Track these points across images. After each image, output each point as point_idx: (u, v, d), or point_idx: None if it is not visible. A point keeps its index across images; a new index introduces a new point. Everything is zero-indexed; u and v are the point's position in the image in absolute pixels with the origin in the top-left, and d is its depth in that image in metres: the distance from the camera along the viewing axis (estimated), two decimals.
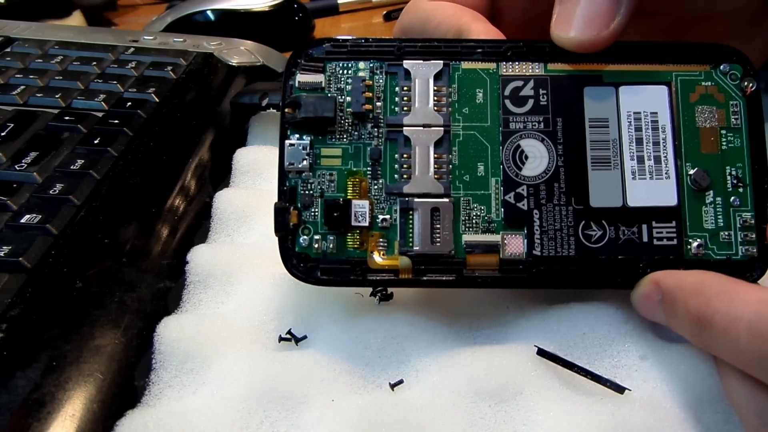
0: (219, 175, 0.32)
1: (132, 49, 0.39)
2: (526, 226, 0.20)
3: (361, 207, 0.20)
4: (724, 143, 0.21)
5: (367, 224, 0.20)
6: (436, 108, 0.21)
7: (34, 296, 0.22)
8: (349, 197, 0.20)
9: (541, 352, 0.21)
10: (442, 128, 0.21)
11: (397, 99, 0.21)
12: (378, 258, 0.20)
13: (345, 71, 0.21)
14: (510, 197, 0.20)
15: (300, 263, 0.20)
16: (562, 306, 0.22)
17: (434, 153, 0.21)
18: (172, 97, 0.34)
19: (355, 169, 0.21)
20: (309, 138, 0.21)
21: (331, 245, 0.20)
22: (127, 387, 0.21)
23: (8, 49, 0.38)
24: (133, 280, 0.24)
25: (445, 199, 0.20)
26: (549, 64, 0.21)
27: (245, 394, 0.20)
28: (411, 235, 0.20)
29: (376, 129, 0.21)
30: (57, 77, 0.35)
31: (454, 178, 0.20)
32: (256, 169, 0.32)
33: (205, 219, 0.29)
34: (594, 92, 0.21)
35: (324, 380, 0.20)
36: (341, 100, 0.21)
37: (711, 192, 0.20)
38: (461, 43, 0.21)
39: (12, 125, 0.30)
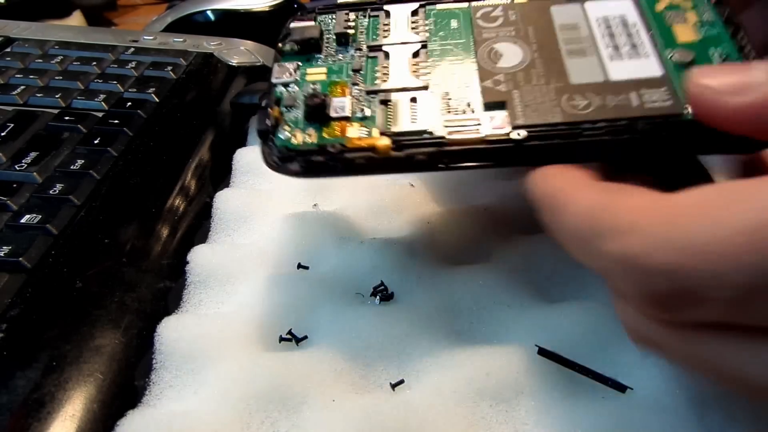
0: (219, 175, 0.32)
1: (132, 49, 0.39)
2: (507, 104, 0.19)
3: (340, 102, 0.20)
4: (702, 32, 0.20)
5: (347, 114, 0.20)
6: (413, 31, 0.23)
7: (34, 296, 0.22)
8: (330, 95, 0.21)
9: (542, 352, 0.21)
10: (420, 43, 0.22)
11: (378, 31, 0.23)
12: (356, 136, 0.19)
13: (331, 19, 0.24)
14: (487, 83, 0.20)
15: (279, 156, 0.20)
16: (562, 304, 0.22)
17: (412, 61, 0.22)
18: (172, 97, 0.34)
19: (337, 79, 0.21)
20: (297, 61, 0.22)
21: (310, 136, 0.20)
22: (127, 387, 0.21)
23: (8, 49, 0.38)
24: (133, 280, 0.24)
25: (424, 91, 0.20)
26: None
27: (246, 395, 0.20)
28: (391, 120, 0.20)
29: (358, 51, 0.22)
30: (57, 77, 0.35)
31: (432, 78, 0.21)
32: (257, 170, 0.32)
33: (205, 219, 0.29)
34: (560, 9, 0.22)
35: (325, 380, 0.20)
36: (326, 29, 0.23)
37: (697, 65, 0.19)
38: None
39: (12, 125, 0.30)
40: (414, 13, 0.23)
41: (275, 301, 0.23)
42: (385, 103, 0.20)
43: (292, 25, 0.23)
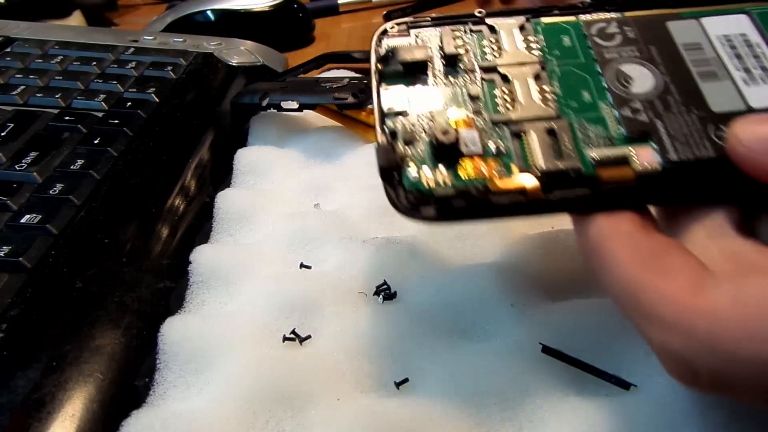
0: (219, 175, 0.32)
1: (132, 49, 0.39)
2: (652, 136, 0.18)
3: (469, 135, 0.18)
4: None
5: (479, 150, 0.18)
6: (527, 49, 0.20)
7: (34, 296, 0.21)
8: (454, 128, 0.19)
9: (546, 350, 0.20)
10: (538, 64, 0.20)
11: (486, 49, 0.21)
12: (499, 177, 0.17)
13: (430, 33, 0.21)
14: (626, 111, 0.18)
15: (409, 200, 0.17)
16: (565, 302, 0.22)
17: (535, 85, 0.20)
18: (172, 97, 0.34)
19: (455, 107, 0.19)
20: (402, 84, 0.20)
21: (443, 177, 0.18)
22: (128, 387, 0.21)
23: (8, 49, 0.38)
24: (133, 280, 0.24)
25: (559, 121, 0.19)
26: (625, 13, 0.21)
27: (250, 394, 0.20)
28: (530, 155, 0.18)
29: (469, 74, 0.20)
30: (57, 77, 0.35)
31: (562, 105, 0.19)
32: (258, 169, 0.32)
33: (206, 219, 0.29)
34: (677, 25, 0.21)
35: (329, 379, 0.20)
36: (431, 50, 0.21)
37: None
38: (540, 7, 0.22)
39: (12, 125, 0.30)
40: (521, 28, 0.21)
41: (278, 301, 0.23)
42: (517, 135, 0.18)
43: (394, 43, 0.21)
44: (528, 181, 0.17)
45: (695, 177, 0.17)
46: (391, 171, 0.18)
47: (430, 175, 0.18)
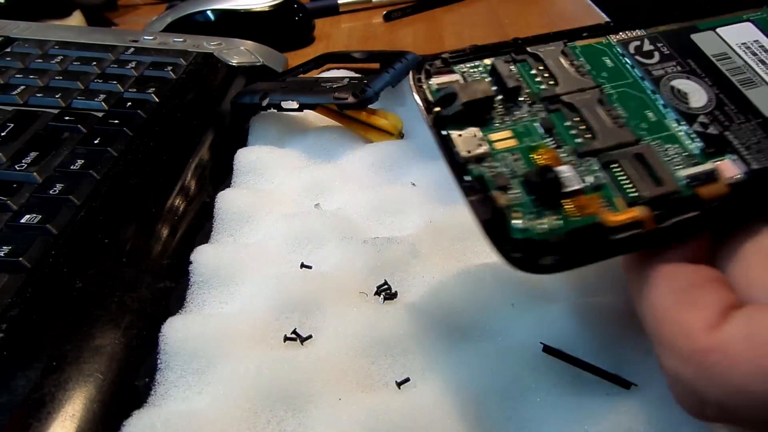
0: (220, 175, 0.32)
1: (132, 49, 0.39)
2: (728, 149, 0.18)
3: (565, 172, 0.18)
4: None
5: (580, 187, 0.17)
6: (579, 75, 0.20)
7: (34, 296, 0.21)
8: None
9: (547, 349, 0.20)
10: (597, 89, 0.20)
11: (537, 78, 0.20)
12: (613, 215, 0.17)
13: (475, 67, 0.20)
14: (697, 126, 0.19)
15: (523, 251, 0.16)
16: (566, 302, 0.22)
17: (603, 110, 0.19)
18: (172, 97, 0.34)
19: (534, 144, 0.18)
20: (469, 127, 0.19)
21: (551, 220, 0.17)
22: (128, 387, 0.21)
23: (8, 49, 0.38)
24: (133, 280, 0.24)
25: (641, 144, 0.18)
26: (648, 29, 0.22)
27: (251, 394, 0.20)
28: (630, 185, 0.17)
29: (532, 106, 0.19)
30: (57, 77, 0.35)
31: (634, 128, 0.19)
32: (258, 169, 0.32)
33: (206, 219, 0.29)
34: (700, 37, 0.21)
35: (330, 379, 0.20)
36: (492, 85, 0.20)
37: None
38: (568, 30, 0.22)
39: (12, 125, 0.30)
40: (563, 54, 0.21)
41: (279, 301, 0.23)
42: (606, 165, 0.18)
43: (443, 81, 0.20)
44: (641, 212, 0.17)
45: None
46: (495, 224, 0.17)
47: (538, 220, 0.17)
